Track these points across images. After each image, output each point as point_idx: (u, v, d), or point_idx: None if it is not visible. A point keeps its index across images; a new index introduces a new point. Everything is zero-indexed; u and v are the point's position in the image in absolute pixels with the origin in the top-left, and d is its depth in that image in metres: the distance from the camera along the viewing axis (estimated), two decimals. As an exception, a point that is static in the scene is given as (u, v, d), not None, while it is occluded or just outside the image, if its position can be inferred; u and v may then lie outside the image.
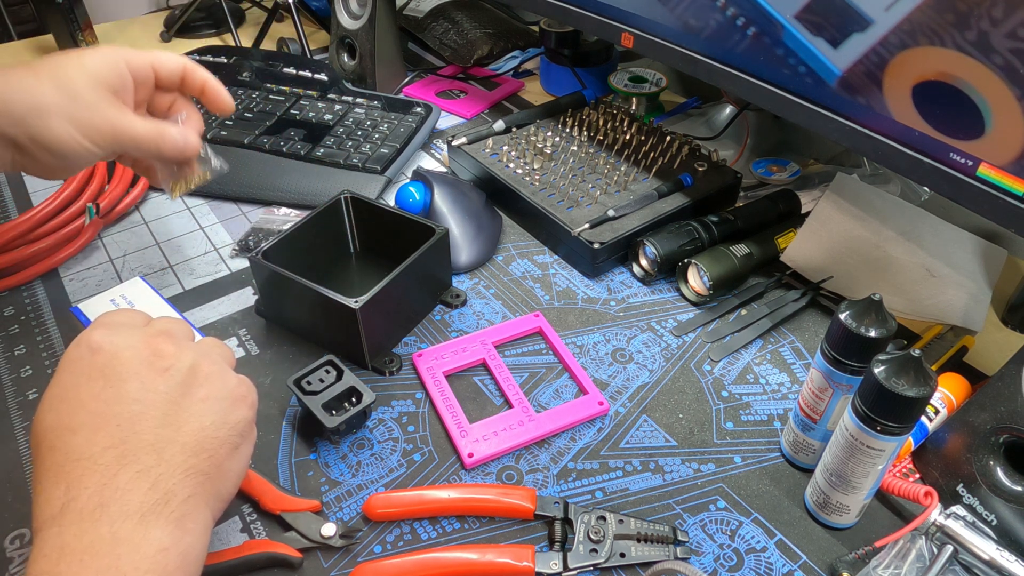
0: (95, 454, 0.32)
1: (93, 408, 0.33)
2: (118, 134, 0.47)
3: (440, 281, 0.62)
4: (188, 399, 0.35)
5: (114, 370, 0.34)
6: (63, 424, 0.32)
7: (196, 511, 0.34)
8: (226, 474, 0.36)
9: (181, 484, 0.33)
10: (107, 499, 0.31)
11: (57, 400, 0.33)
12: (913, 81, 0.48)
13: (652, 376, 0.56)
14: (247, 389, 0.39)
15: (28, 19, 1.73)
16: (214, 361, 0.38)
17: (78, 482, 0.31)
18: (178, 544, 0.32)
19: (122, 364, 0.34)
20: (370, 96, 0.86)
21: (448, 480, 0.48)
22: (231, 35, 1.08)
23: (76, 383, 0.34)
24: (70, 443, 0.32)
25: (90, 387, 0.33)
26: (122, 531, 0.30)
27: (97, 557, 0.29)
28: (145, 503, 0.31)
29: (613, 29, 0.68)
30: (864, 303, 0.42)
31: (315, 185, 0.72)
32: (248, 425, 0.38)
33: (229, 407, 0.37)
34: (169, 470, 0.33)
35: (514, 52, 1.02)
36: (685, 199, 0.67)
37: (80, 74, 0.46)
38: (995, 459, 0.45)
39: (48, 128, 0.45)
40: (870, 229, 0.60)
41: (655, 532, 0.44)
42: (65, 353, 0.36)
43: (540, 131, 0.77)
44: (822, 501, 0.44)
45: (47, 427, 0.33)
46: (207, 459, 0.34)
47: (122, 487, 0.31)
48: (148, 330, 0.37)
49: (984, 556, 0.39)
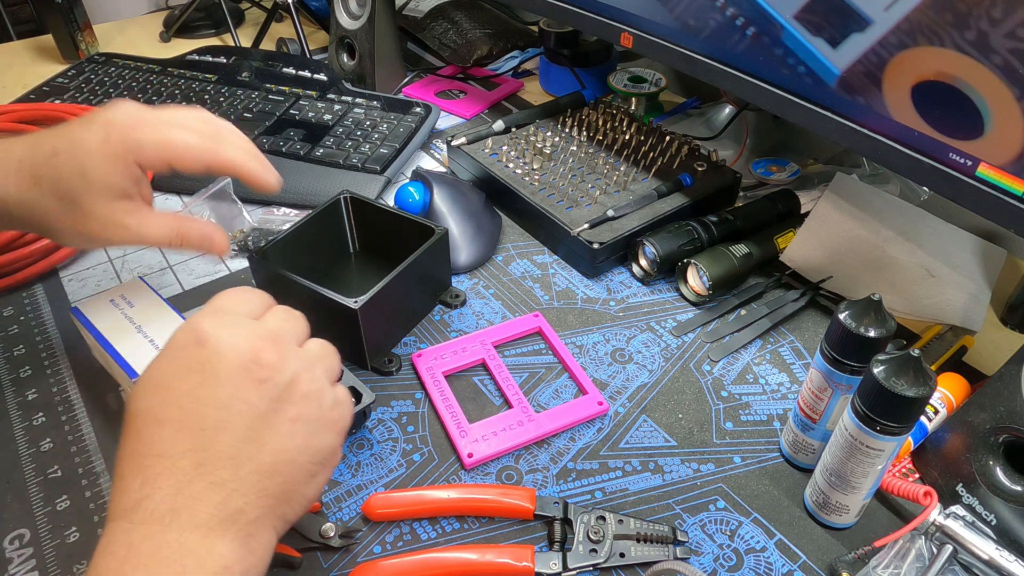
0: (176, 455, 0.31)
1: (184, 404, 0.32)
2: (131, 240, 0.46)
3: (439, 281, 0.62)
4: (277, 417, 0.33)
5: (213, 368, 0.32)
6: (153, 412, 0.32)
7: (262, 532, 0.33)
8: (297, 499, 0.35)
9: (252, 504, 0.32)
10: (179, 506, 0.30)
11: (154, 386, 0.32)
12: (912, 81, 0.48)
13: (651, 376, 0.56)
14: (340, 414, 0.37)
15: (27, 19, 1.73)
16: (315, 378, 0.35)
17: (154, 480, 0.30)
18: (241, 562, 0.31)
19: (221, 364, 0.32)
20: (369, 96, 0.86)
21: (448, 480, 0.48)
22: (230, 35, 1.08)
23: (175, 373, 0.32)
24: (155, 435, 0.31)
25: (187, 380, 0.32)
26: (189, 542, 0.30)
27: (163, 565, 0.29)
28: (214, 516, 0.31)
29: (612, 29, 0.68)
30: (863, 303, 0.42)
31: (314, 185, 0.72)
32: (332, 452, 0.36)
33: (317, 432, 0.35)
34: (242, 488, 0.32)
35: (513, 52, 1.02)
36: (684, 199, 0.67)
37: (83, 186, 0.43)
38: (994, 459, 0.45)
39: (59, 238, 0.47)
40: (869, 229, 0.60)
41: (655, 532, 0.44)
42: (174, 335, 0.34)
43: (539, 131, 0.77)
44: (822, 501, 0.44)
45: (139, 410, 0.32)
46: (281, 483, 0.33)
47: (195, 496, 0.31)
48: (258, 328, 0.35)
49: (983, 556, 0.39)
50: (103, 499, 0.47)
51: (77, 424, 0.51)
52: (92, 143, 0.43)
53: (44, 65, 1.02)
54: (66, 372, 0.55)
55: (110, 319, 0.52)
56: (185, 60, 0.93)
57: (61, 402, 0.53)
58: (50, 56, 1.04)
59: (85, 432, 0.51)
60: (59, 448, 0.50)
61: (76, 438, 0.50)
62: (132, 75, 0.89)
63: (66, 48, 1.02)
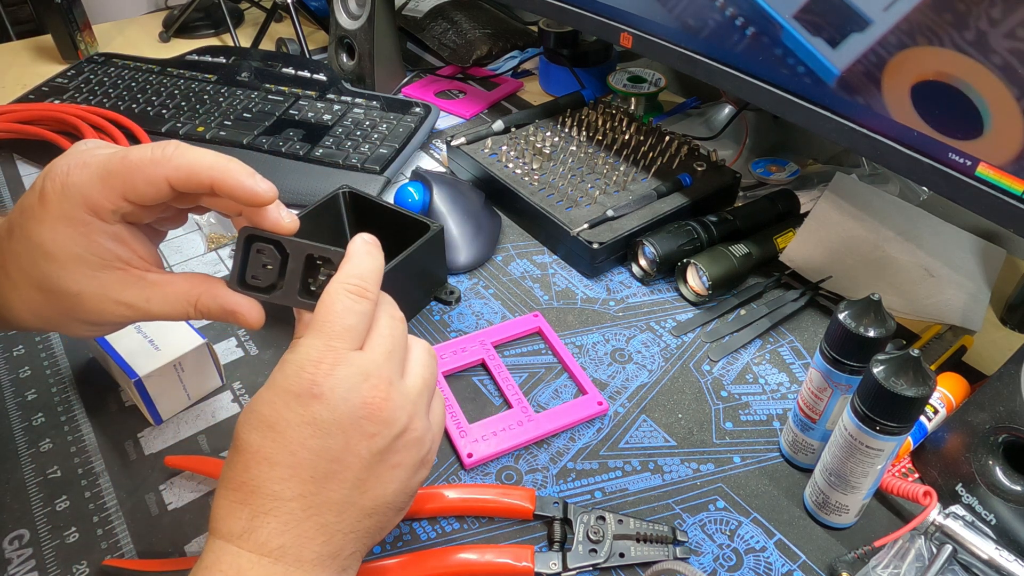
0: (285, 498, 0.32)
1: (296, 451, 0.32)
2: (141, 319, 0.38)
3: (435, 278, 0.62)
4: (382, 465, 0.34)
5: (326, 423, 0.32)
6: (264, 452, 0.32)
7: (354, 564, 0.35)
8: (386, 531, 0.36)
9: (351, 542, 0.34)
10: (287, 544, 0.32)
11: (266, 425, 0.32)
12: (912, 81, 0.48)
13: (651, 376, 0.56)
14: (431, 450, 0.37)
15: (26, 19, 1.73)
16: (422, 426, 0.35)
17: (263, 515, 0.32)
18: None
19: (335, 419, 0.32)
20: (369, 96, 0.86)
21: (447, 480, 0.48)
22: (230, 35, 1.08)
23: (288, 420, 0.32)
24: (265, 474, 0.32)
25: (300, 430, 0.32)
26: None
27: None
28: (319, 555, 0.32)
29: (612, 29, 0.68)
30: (863, 303, 0.42)
31: (314, 185, 0.72)
32: (420, 485, 0.37)
33: (414, 473, 0.36)
34: (344, 528, 0.33)
35: (513, 52, 1.02)
36: (684, 199, 0.67)
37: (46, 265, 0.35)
38: (994, 459, 0.45)
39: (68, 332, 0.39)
40: (869, 229, 0.60)
41: (654, 532, 0.44)
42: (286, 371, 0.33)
43: (539, 131, 0.77)
44: (821, 501, 0.44)
45: (249, 444, 0.32)
46: (376, 521, 0.35)
47: (303, 535, 0.32)
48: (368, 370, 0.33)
49: (983, 556, 0.40)
50: (103, 499, 0.47)
51: (77, 424, 0.51)
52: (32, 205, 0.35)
53: (43, 65, 1.02)
54: (65, 372, 0.55)
55: (109, 319, 0.52)
56: (184, 60, 0.93)
57: (61, 402, 0.53)
58: (49, 56, 1.04)
59: (85, 432, 0.51)
60: (59, 448, 0.50)
61: (76, 438, 0.50)
62: (131, 75, 0.89)
63: (65, 48, 1.02)
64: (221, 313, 0.37)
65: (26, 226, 0.35)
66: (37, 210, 0.34)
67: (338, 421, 0.32)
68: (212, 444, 0.50)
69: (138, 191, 0.34)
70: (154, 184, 0.34)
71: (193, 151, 0.35)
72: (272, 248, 0.37)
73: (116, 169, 0.34)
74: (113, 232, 0.35)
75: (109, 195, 0.34)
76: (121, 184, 0.34)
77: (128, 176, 0.34)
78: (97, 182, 0.34)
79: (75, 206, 0.34)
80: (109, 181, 0.34)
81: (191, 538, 0.45)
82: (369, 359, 0.34)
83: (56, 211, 0.34)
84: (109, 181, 0.34)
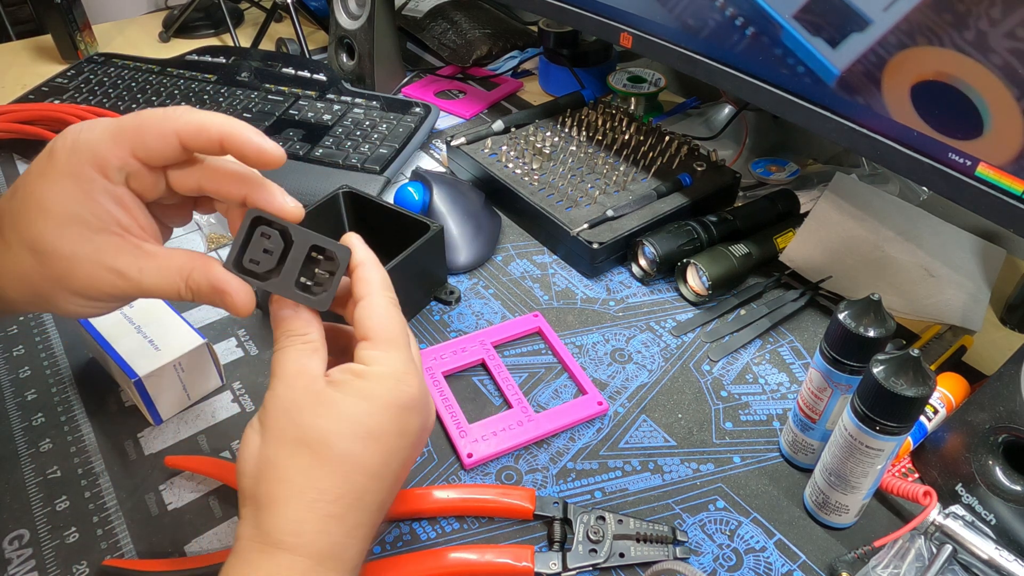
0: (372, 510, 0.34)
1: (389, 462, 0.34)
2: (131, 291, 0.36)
3: (435, 277, 0.62)
4: (404, 470, 0.37)
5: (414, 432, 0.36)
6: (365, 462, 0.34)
7: (359, 557, 0.35)
8: None
9: (359, 543, 0.35)
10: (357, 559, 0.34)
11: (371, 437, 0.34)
12: (912, 81, 0.48)
13: (651, 376, 0.56)
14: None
15: (26, 19, 1.73)
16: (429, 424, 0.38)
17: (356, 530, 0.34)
18: None
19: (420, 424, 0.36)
20: (369, 96, 0.86)
21: (447, 480, 0.48)
22: (230, 35, 1.08)
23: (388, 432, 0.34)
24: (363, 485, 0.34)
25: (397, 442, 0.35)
26: None
27: None
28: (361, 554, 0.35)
29: (612, 29, 0.68)
30: (863, 303, 0.42)
31: (314, 185, 0.72)
32: None
33: (411, 463, 0.37)
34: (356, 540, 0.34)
35: (513, 52, 1.02)
36: (684, 199, 0.67)
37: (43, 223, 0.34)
38: (994, 459, 0.45)
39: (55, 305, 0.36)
40: (869, 229, 0.60)
41: (654, 532, 0.44)
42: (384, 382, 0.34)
43: (539, 131, 0.77)
44: (821, 501, 0.44)
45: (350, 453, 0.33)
46: (381, 515, 0.36)
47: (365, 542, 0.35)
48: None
49: (983, 556, 0.40)
50: (103, 499, 0.47)
51: (76, 424, 0.51)
52: (41, 162, 0.35)
53: (43, 65, 1.02)
54: (65, 372, 0.55)
55: (109, 319, 0.52)
56: (184, 60, 0.93)
57: (60, 402, 0.53)
58: (49, 56, 1.04)
59: (85, 432, 0.51)
60: (58, 448, 0.50)
61: (75, 438, 0.50)
62: (131, 75, 0.89)
63: (65, 48, 1.02)
64: (210, 292, 0.35)
65: (30, 183, 0.35)
66: (44, 165, 0.34)
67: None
68: (212, 444, 0.50)
69: (147, 146, 0.34)
70: (164, 138, 0.34)
71: (203, 111, 0.35)
72: (277, 234, 0.36)
73: (127, 125, 0.34)
74: (116, 194, 0.35)
75: (117, 151, 0.34)
76: (130, 139, 0.34)
77: (138, 131, 0.34)
78: (108, 139, 0.34)
79: (82, 162, 0.34)
80: (119, 136, 0.34)
81: (191, 538, 0.45)
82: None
83: (63, 167, 0.34)
84: (119, 136, 0.34)
